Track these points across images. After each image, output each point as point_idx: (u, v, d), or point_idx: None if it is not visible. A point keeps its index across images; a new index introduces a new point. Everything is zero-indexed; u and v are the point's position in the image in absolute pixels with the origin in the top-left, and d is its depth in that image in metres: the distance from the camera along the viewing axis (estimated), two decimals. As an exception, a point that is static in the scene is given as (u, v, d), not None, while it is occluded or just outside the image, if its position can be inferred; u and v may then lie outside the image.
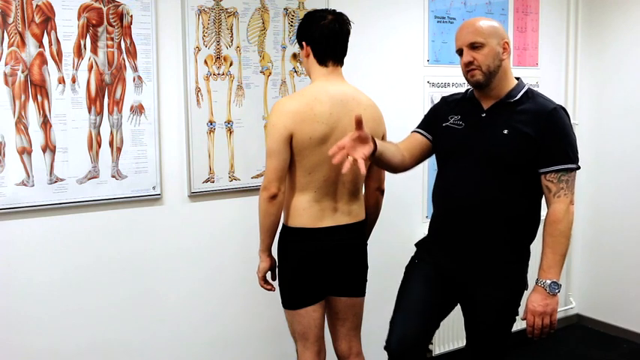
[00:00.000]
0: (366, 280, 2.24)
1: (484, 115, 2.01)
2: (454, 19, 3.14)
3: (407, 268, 2.19)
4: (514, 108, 1.97)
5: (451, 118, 2.08)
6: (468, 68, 1.96)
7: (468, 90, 2.13)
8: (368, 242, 2.27)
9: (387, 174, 2.26)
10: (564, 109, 1.97)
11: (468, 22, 2.01)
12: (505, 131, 1.94)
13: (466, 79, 2.01)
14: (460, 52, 1.99)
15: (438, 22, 3.09)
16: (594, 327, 3.82)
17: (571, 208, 1.91)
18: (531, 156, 1.92)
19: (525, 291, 2.05)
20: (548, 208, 1.94)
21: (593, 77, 3.72)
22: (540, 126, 1.91)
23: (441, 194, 2.10)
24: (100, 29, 2.22)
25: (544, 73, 3.58)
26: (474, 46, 1.94)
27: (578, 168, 1.94)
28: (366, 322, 2.32)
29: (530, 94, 2.00)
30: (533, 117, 1.93)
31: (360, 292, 2.24)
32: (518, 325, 3.68)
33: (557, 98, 3.64)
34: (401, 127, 2.91)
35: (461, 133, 2.04)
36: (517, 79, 2.05)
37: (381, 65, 2.94)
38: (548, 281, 1.88)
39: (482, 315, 2.03)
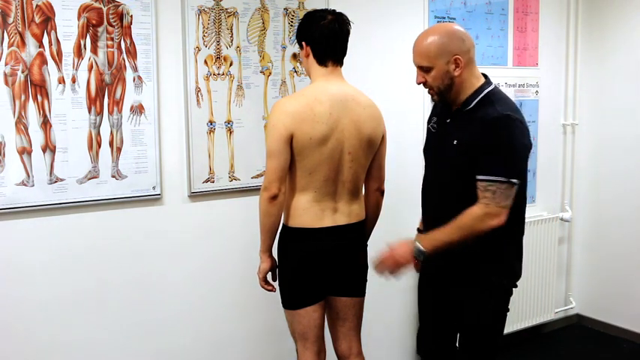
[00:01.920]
0: (366, 280, 2.24)
1: (449, 120, 2.02)
2: (454, 19, 3.14)
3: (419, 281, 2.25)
4: (470, 116, 1.94)
5: (432, 120, 2.13)
6: (423, 87, 1.99)
7: None
8: (368, 242, 2.27)
9: (387, 174, 2.26)
10: (514, 119, 1.87)
11: (418, 40, 1.96)
12: (455, 142, 1.94)
13: None
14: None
15: (437, 22, 3.09)
16: (594, 327, 3.82)
17: (487, 219, 1.84)
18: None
19: (505, 290, 2.04)
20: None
21: (593, 77, 3.72)
22: (482, 135, 1.87)
23: (421, 195, 2.16)
24: (100, 29, 2.22)
25: (544, 73, 3.58)
26: (422, 69, 1.94)
27: (511, 183, 1.84)
28: (366, 322, 2.32)
29: (486, 101, 1.93)
30: (479, 126, 1.89)
31: (360, 292, 2.24)
32: (518, 325, 3.68)
33: (557, 98, 3.66)
34: (401, 128, 2.93)
35: (432, 137, 2.10)
36: (485, 76, 2.01)
37: (381, 65, 2.94)
38: (420, 246, 1.92)
39: (464, 315, 2.04)
